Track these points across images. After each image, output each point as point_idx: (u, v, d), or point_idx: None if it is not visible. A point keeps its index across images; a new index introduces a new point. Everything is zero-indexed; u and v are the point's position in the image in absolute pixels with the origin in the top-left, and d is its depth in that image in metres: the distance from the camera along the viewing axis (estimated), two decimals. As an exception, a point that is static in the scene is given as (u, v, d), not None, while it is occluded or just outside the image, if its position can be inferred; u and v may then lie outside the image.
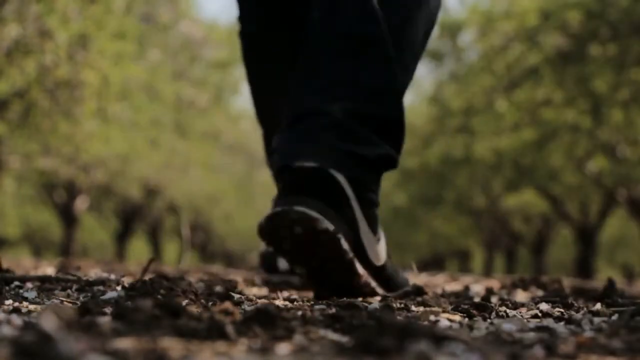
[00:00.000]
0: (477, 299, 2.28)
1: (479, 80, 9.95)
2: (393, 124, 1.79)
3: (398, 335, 1.05)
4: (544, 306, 1.88)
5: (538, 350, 1.14)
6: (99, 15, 6.78)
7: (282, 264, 2.47)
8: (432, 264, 21.44)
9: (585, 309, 1.84)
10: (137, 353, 0.97)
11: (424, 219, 17.14)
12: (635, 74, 7.46)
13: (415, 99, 15.68)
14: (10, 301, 1.70)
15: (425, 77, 11.90)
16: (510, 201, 13.49)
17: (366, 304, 1.75)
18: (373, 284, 1.85)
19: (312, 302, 1.89)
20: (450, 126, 11.04)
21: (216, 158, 14.43)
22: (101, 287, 1.98)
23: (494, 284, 3.11)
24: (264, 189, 20.24)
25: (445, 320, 1.54)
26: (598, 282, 4.11)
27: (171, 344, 1.06)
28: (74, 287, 2.00)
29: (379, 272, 1.88)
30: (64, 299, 1.79)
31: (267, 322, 1.20)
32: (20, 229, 19.75)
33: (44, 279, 2.08)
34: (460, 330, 1.39)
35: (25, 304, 1.69)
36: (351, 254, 1.71)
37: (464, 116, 10.40)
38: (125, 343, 1.04)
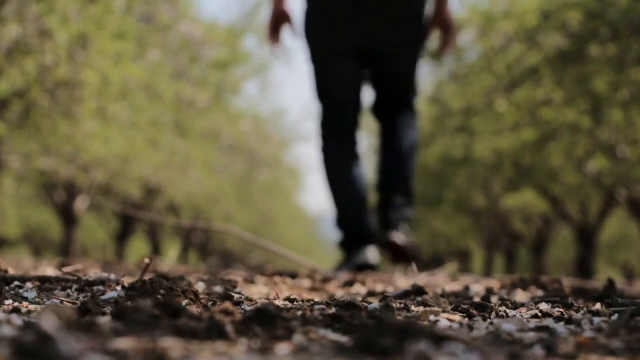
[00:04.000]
0: (477, 299, 2.28)
1: (479, 80, 9.94)
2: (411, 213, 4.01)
3: (398, 335, 1.05)
4: (544, 306, 1.88)
5: (538, 350, 1.14)
6: (99, 15, 6.77)
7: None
8: (432, 264, 21.43)
9: (585, 309, 1.85)
10: (137, 353, 0.97)
11: (424, 219, 17.14)
12: (635, 74, 7.46)
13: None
14: (10, 301, 1.70)
15: (425, 77, 11.87)
16: (510, 201, 13.48)
17: (366, 304, 1.75)
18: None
19: (312, 302, 1.89)
20: (450, 126, 11.03)
21: (216, 158, 14.42)
22: (101, 287, 1.98)
23: (494, 284, 3.11)
24: (263, 189, 20.26)
25: (445, 320, 1.54)
26: (598, 282, 4.11)
27: (171, 344, 1.06)
28: (74, 287, 2.00)
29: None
30: (64, 299, 1.79)
31: (267, 322, 1.20)
32: (20, 229, 19.74)
33: (44, 279, 2.08)
34: (460, 330, 1.39)
35: (25, 304, 1.69)
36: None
37: (464, 116, 10.39)
38: (125, 343, 1.04)
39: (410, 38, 3.85)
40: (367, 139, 15.41)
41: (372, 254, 3.74)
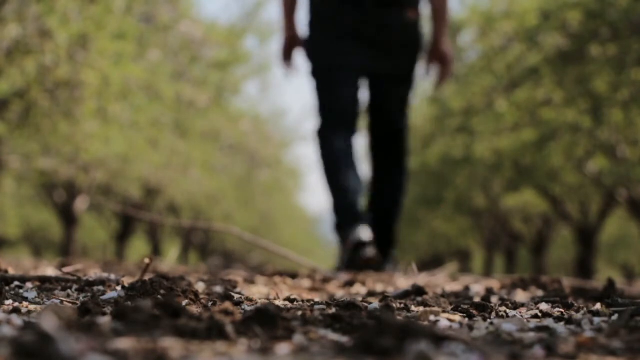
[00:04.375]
0: (477, 299, 2.28)
1: (479, 80, 9.94)
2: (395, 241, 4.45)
3: (398, 335, 1.05)
4: (544, 306, 1.88)
5: (538, 350, 1.14)
6: (99, 15, 6.77)
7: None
8: (432, 264, 21.45)
9: (585, 309, 1.85)
10: (137, 353, 0.97)
11: (424, 219, 17.13)
12: (635, 74, 7.45)
13: (416, 99, 15.66)
14: (10, 301, 1.70)
15: (425, 77, 11.83)
16: (510, 201, 13.48)
17: (366, 304, 1.75)
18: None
19: (312, 302, 1.89)
20: (450, 126, 11.03)
21: (216, 158, 14.41)
22: (101, 287, 1.99)
23: (494, 284, 3.11)
24: (263, 189, 20.26)
25: (445, 320, 1.54)
26: (598, 282, 4.11)
27: (171, 344, 1.06)
28: (74, 287, 2.00)
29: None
30: (64, 299, 1.79)
31: (267, 322, 1.20)
32: (20, 229, 19.73)
33: (44, 279, 2.08)
34: (460, 330, 1.39)
35: (25, 304, 1.69)
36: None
37: (464, 116, 10.39)
38: (125, 343, 1.04)
39: (405, 64, 4.22)
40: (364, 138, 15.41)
41: (364, 231, 3.99)
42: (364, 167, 5.12)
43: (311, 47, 4.28)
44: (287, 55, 4.43)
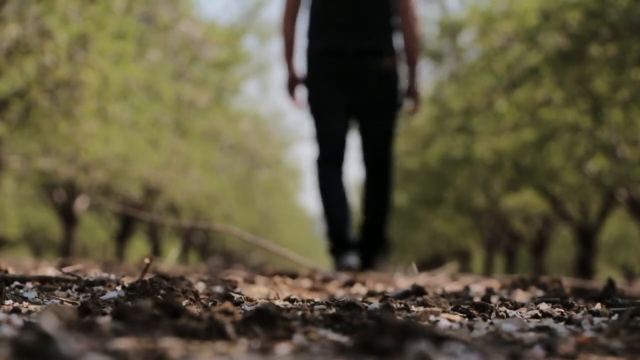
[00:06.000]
0: (477, 299, 2.28)
1: (479, 80, 9.93)
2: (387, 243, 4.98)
3: (398, 335, 1.05)
4: (544, 306, 1.88)
5: (538, 350, 1.14)
6: (99, 15, 6.76)
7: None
8: (432, 264, 21.45)
9: (585, 309, 1.85)
10: (137, 353, 0.97)
11: (424, 219, 17.12)
12: (635, 74, 7.45)
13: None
14: (10, 301, 1.70)
15: (425, 77, 11.87)
16: (510, 201, 13.47)
17: (366, 304, 1.75)
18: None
19: (312, 302, 1.90)
20: (450, 126, 11.03)
21: (216, 158, 14.41)
22: (101, 287, 1.99)
23: (494, 284, 3.11)
24: (263, 189, 20.25)
25: (445, 320, 1.54)
26: (598, 282, 4.11)
27: (171, 344, 1.06)
28: (74, 287, 2.00)
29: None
30: (64, 299, 1.79)
31: (267, 322, 1.20)
32: (20, 229, 19.72)
33: (44, 279, 2.08)
34: (460, 330, 1.39)
35: (25, 304, 1.69)
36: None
37: (464, 116, 10.38)
38: (125, 343, 1.04)
39: (386, 101, 4.96)
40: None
41: (352, 259, 4.66)
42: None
43: (306, 91, 5.03)
44: (290, 92, 5.13)
